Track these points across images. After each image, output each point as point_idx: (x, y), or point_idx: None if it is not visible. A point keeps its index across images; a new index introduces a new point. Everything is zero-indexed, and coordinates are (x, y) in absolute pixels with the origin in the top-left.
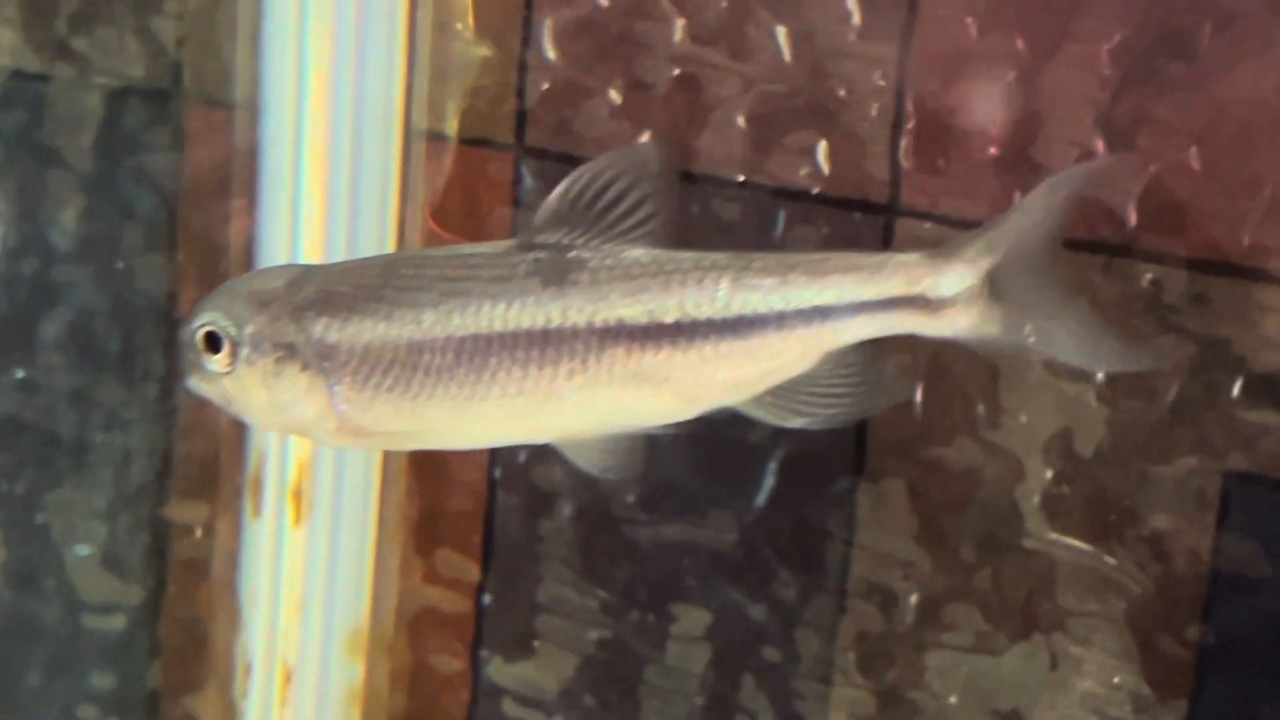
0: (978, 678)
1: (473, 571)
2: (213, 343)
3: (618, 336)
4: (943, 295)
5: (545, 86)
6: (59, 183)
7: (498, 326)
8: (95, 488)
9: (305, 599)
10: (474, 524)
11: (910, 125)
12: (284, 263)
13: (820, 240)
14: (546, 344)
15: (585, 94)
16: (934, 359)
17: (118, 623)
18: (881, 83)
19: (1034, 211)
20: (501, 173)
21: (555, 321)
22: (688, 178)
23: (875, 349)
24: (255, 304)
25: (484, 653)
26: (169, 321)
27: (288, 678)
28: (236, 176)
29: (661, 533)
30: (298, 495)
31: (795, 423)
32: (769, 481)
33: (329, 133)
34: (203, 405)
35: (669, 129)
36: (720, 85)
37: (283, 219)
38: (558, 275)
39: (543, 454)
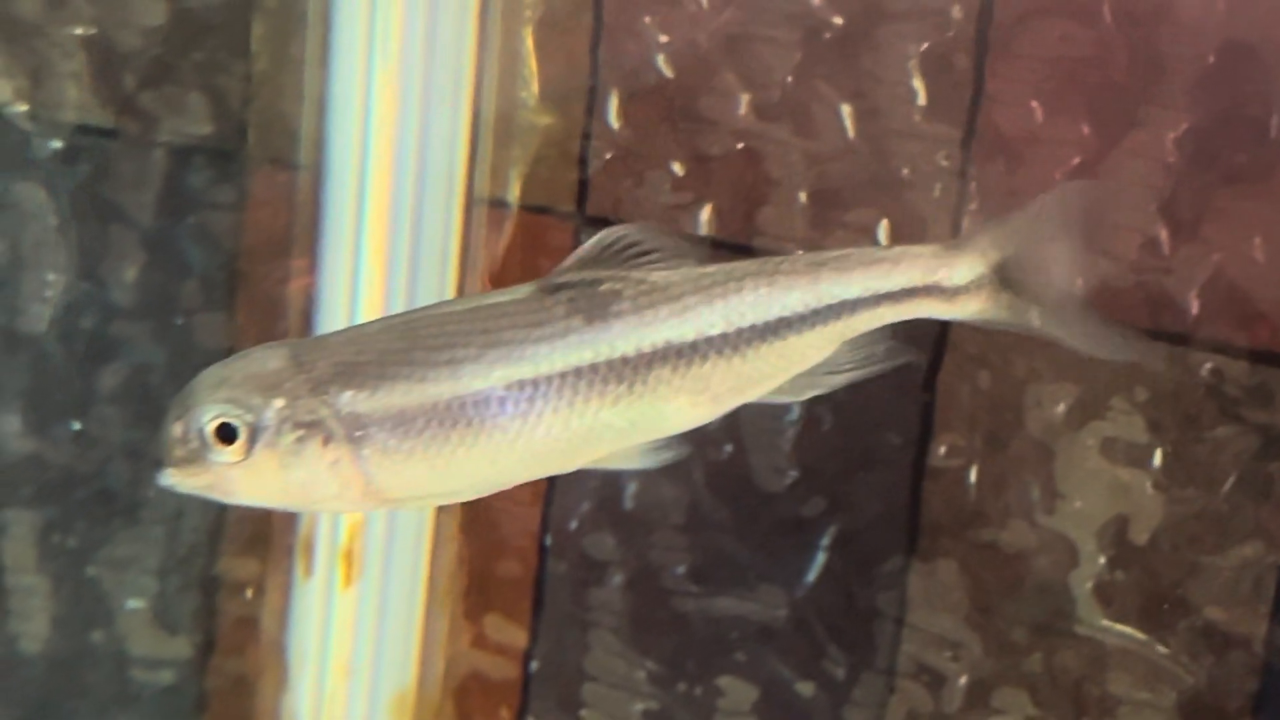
0: None
1: (521, 638)
2: (225, 433)
3: (665, 356)
4: (956, 283)
5: (608, 156)
6: (121, 238)
7: (545, 369)
8: (147, 542)
9: (353, 661)
10: (523, 590)
11: (973, 207)
12: (327, 330)
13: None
14: (594, 377)
15: (648, 165)
16: (989, 441)
17: (165, 678)
18: (945, 163)
19: (1043, 212)
20: (562, 241)
21: (604, 355)
22: (747, 252)
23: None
24: (265, 387)
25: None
26: None
27: None
28: (298, 237)
29: (711, 605)
30: (349, 557)
31: (806, 395)
32: (820, 557)
33: (391, 196)
34: None
35: (730, 202)
36: (783, 160)
37: (343, 280)
38: (599, 309)
39: (595, 522)
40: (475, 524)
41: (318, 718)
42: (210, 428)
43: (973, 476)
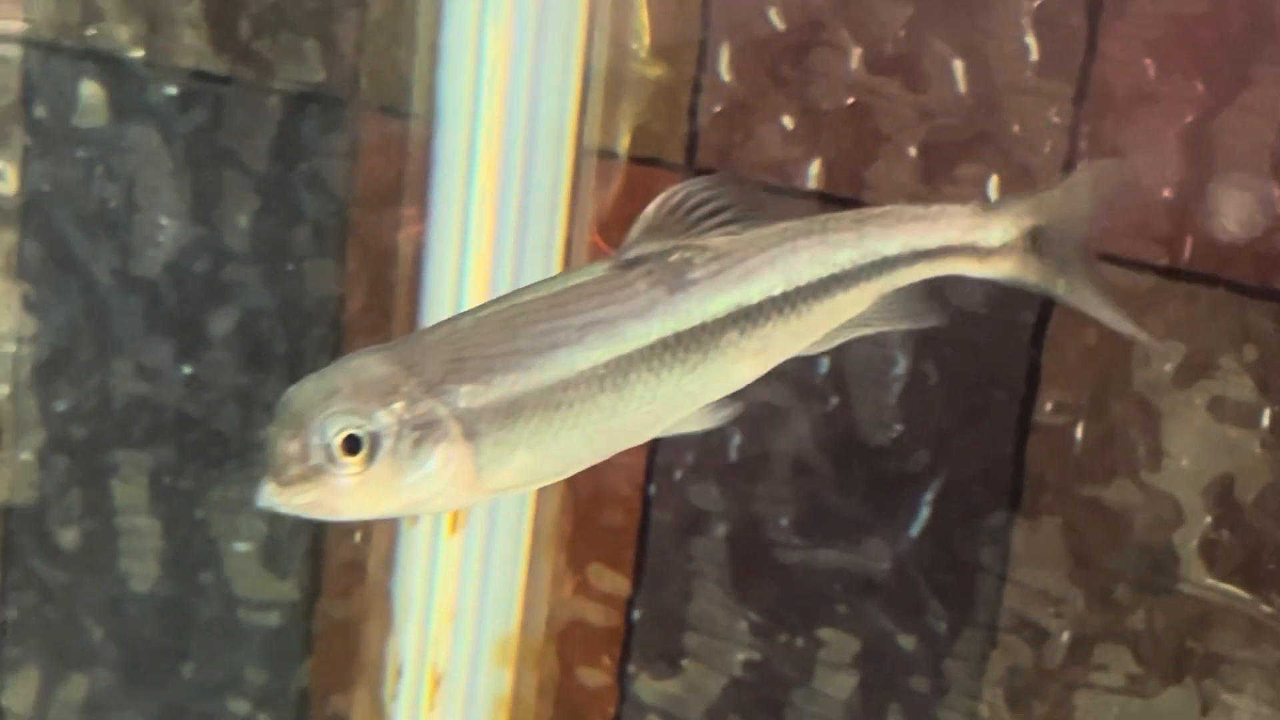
0: (1127, 719)
1: (624, 586)
2: (351, 445)
3: (735, 319)
4: (990, 245)
5: (718, 109)
6: (234, 184)
7: (637, 343)
8: (256, 486)
9: (457, 606)
10: (627, 539)
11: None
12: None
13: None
14: (678, 346)
15: (757, 118)
16: (1094, 401)
17: (272, 619)
18: (1056, 119)
19: (1076, 187)
20: None
21: (686, 324)
22: (857, 205)
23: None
24: (382, 394)
25: (631, 668)
26: (336, 325)
27: (437, 683)
28: (409, 185)
29: (814, 557)
30: None
31: (834, 345)
32: (923, 511)
33: (502, 146)
34: None
35: (840, 156)
36: (893, 115)
37: (452, 228)
38: (677, 280)
39: (699, 472)
40: (580, 473)
41: (422, 661)
42: (337, 441)
43: (1079, 433)
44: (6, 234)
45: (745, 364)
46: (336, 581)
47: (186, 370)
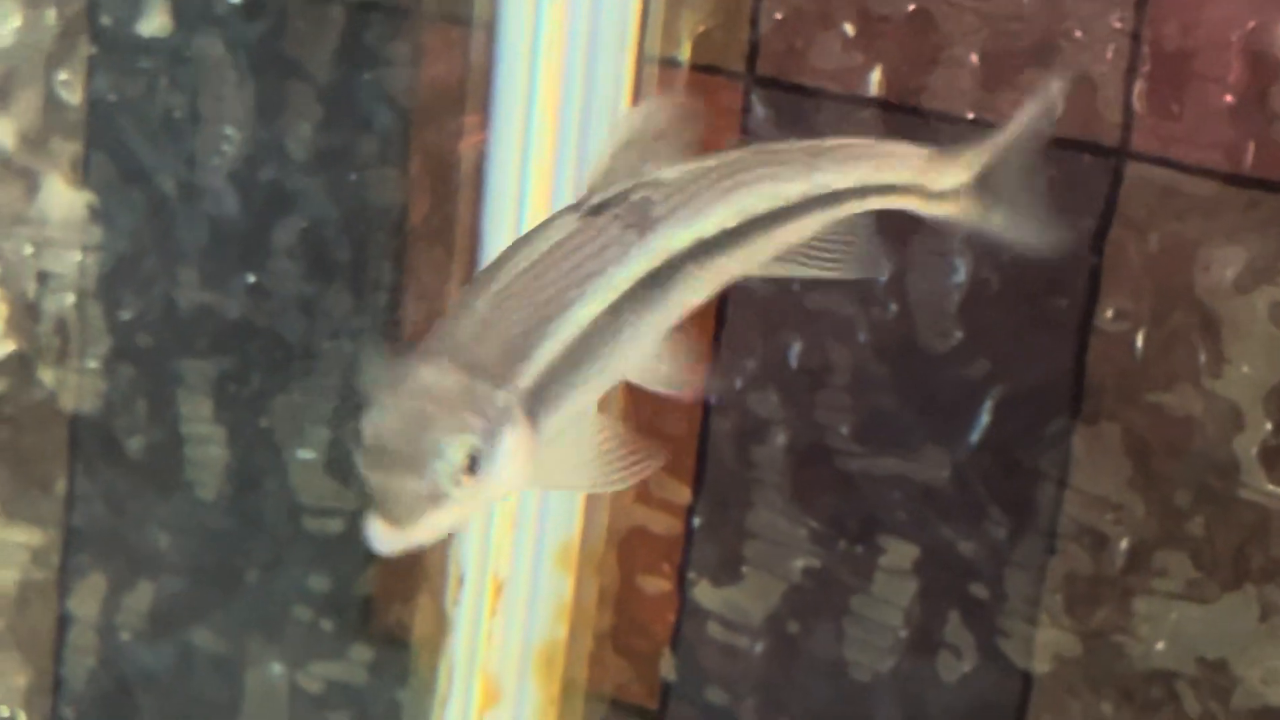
0: (1186, 625)
1: (684, 494)
2: (473, 466)
3: (694, 253)
4: (940, 189)
5: (779, 16)
6: (297, 93)
7: (626, 286)
8: (320, 394)
9: (519, 513)
10: (687, 447)
11: (1145, 69)
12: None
13: (1049, 181)
14: (652, 283)
15: (819, 25)
16: (1155, 307)
17: (336, 527)
18: (1119, 25)
19: (1024, 127)
20: (731, 101)
21: (657, 261)
22: (917, 112)
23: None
24: (469, 405)
25: (691, 575)
26: (399, 233)
27: (498, 590)
28: (470, 94)
29: (874, 465)
30: None
31: (796, 275)
32: (983, 419)
33: (564, 54)
34: (430, 317)
35: (901, 64)
36: (955, 21)
37: (514, 137)
38: (644, 219)
39: (759, 380)
40: (633, 401)
41: (484, 567)
42: (461, 464)
43: (1139, 340)
44: (72, 144)
45: (697, 293)
46: None
47: (250, 279)
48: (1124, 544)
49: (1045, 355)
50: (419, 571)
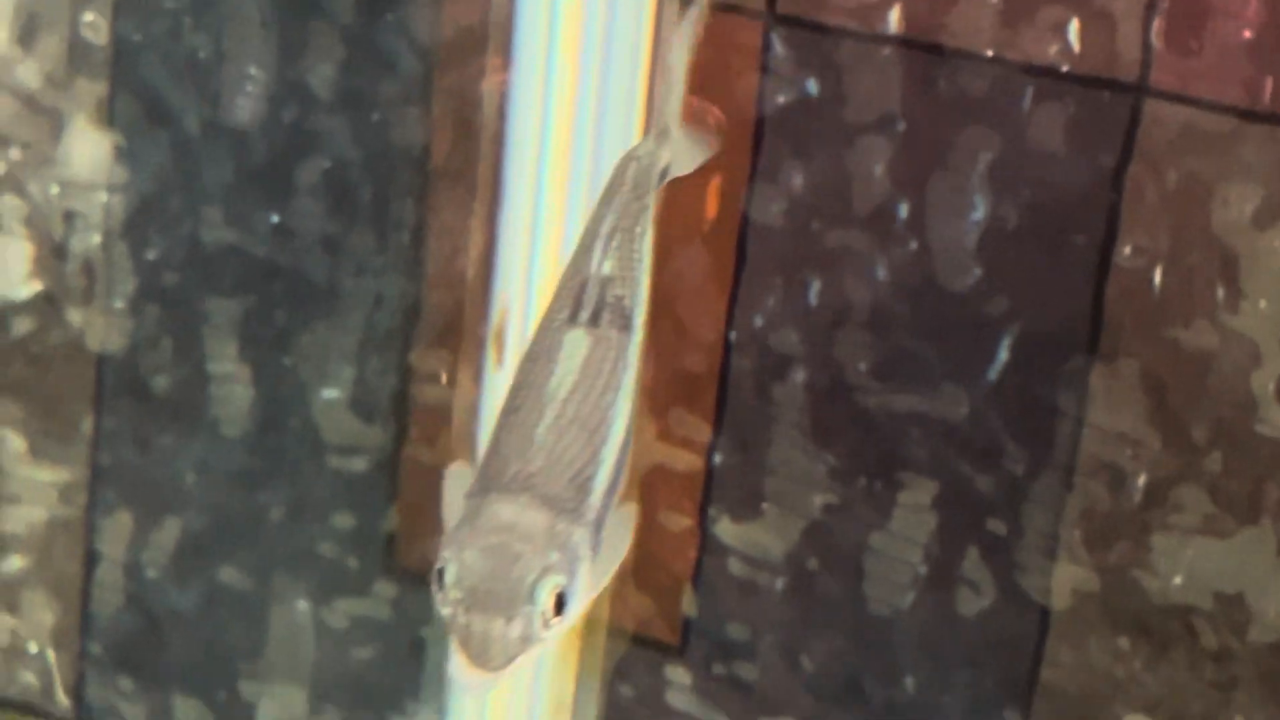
0: (1203, 560)
1: (705, 431)
2: (560, 604)
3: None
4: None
5: None
6: (321, 33)
7: (631, 383)
8: (344, 333)
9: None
10: (708, 384)
11: (1164, 6)
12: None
13: (1068, 119)
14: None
15: None
16: (1173, 244)
17: (360, 465)
18: None
19: (682, 69)
20: (750, 40)
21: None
22: (936, 50)
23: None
24: (555, 544)
25: (712, 512)
26: (422, 172)
27: None
28: (493, 33)
29: (893, 402)
30: None
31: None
32: (1002, 356)
33: None
34: (453, 256)
35: (920, 2)
36: None
37: (536, 77)
38: (623, 319)
39: (779, 318)
40: (661, 317)
41: None
42: (550, 605)
43: (1157, 276)
44: (97, 84)
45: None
46: (423, 426)
47: (274, 219)
48: (1141, 480)
49: (1063, 292)
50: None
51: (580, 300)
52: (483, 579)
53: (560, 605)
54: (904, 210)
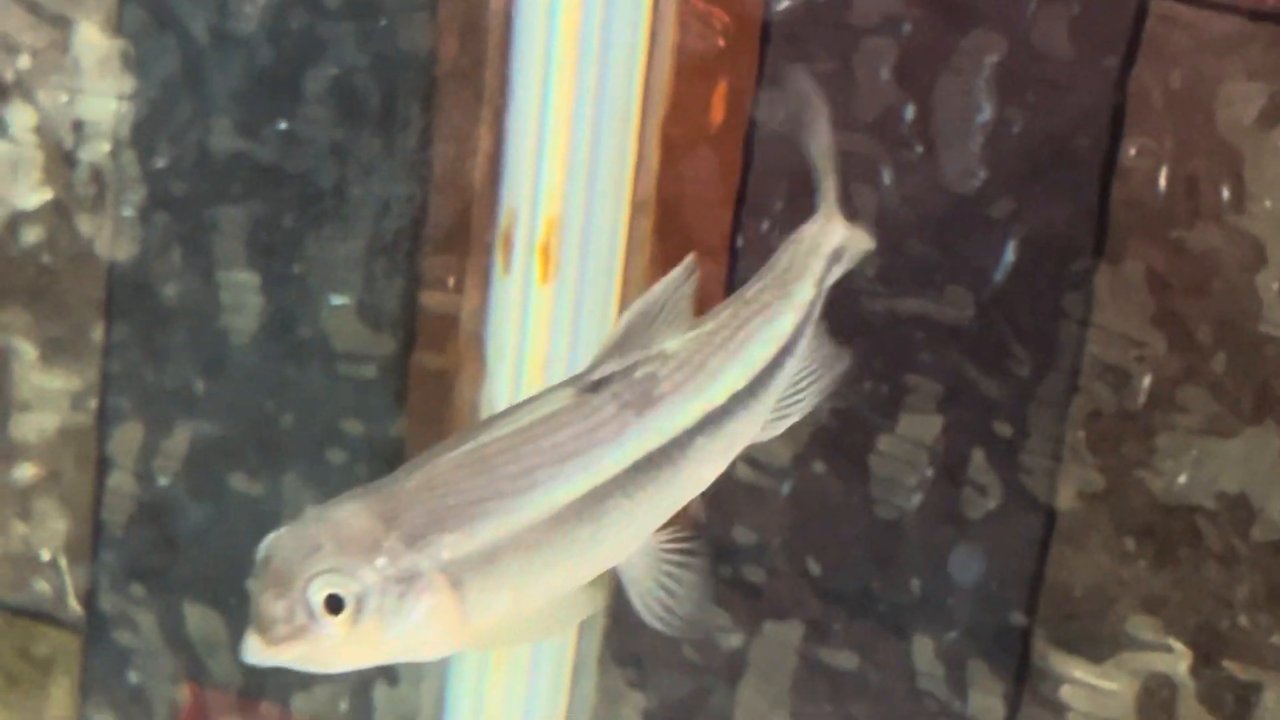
0: (1207, 460)
1: None
2: (334, 605)
3: (703, 425)
4: (842, 243)
5: None
6: None
7: (616, 469)
8: (352, 240)
9: (550, 354)
10: (715, 291)
11: None
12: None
13: (1073, 20)
14: (650, 465)
15: None
16: (1178, 145)
17: (368, 372)
18: None
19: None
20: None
21: (659, 441)
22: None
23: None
24: (365, 550)
25: None
26: (428, 77)
27: None
28: None
29: (898, 306)
30: (546, 253)
31: (781, 429)
32: (1007, 258)
33: None
34: (460, 161)
35: None
36: None
37: None
38: (645, 397)
39: (786, 223)
40: (669, 224)
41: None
42: (318, 601)
43: (1162, 177)
44: None
45: (714, 465)
46: (430, 333)
47: (282, 125)
48: (1146, 381)
49: (1068, 193)
50: (450, 414)
51: (597, 365)
52: (276, 557)
53: (336, 606)
54: (910, 113)
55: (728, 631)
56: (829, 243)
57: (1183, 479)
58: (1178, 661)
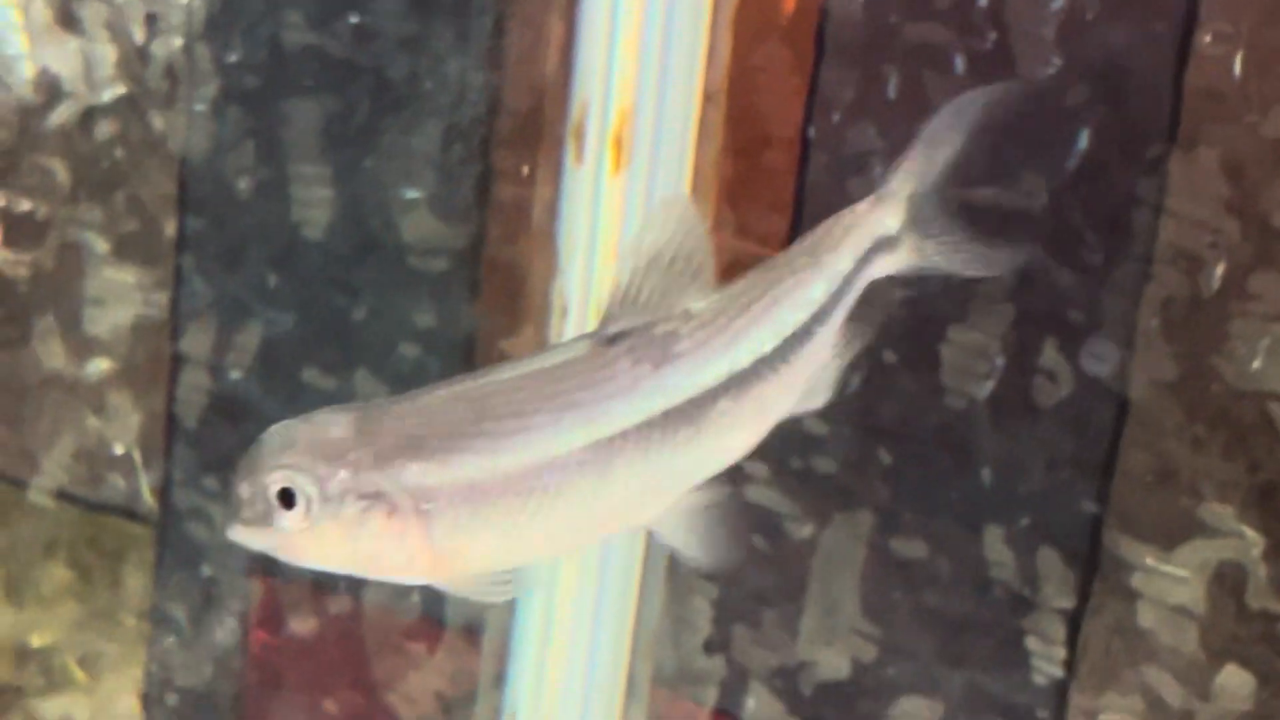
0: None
1: (783, 228)
2: (287, 499)
3: (727, 387)
4: (892, 233)
5: None
6: None
7: (621, 425)
8: (424, 133)
9: (621, 246)
10: (786, 181)
11: None
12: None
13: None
14: (666, 424)
15: None
16: (1254, 28)
17: (440, 265)
18: None
19: (938, 139)
20: None
21: (675, 399)
22: None
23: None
24: (329, 457)
25: None
26: None
27: None
28: None
29: (970, 194)
30: (618, 143)
31: (821, 402)
32: (1081, 145)
33: None
34: (533, 52)
35: None
36: None
37: None
38: (662, 354)
39: (858, 113)
40: (740, 114)
41: (586, 302)
42: (273, 492)
43: (1237, 62)
44: None
45: (741, 431)
46: (502, 225)
47: (354, 19)
48: (1220, 267)
49: (1143, 80)
50: (522, 306)
51: (612, 318)
52: (256, 447)
53: (290, 500)
54: (984, 0)
55: (799, 521)
56: (877, 225)
57: (1255, 365)
58: (1249, 548)
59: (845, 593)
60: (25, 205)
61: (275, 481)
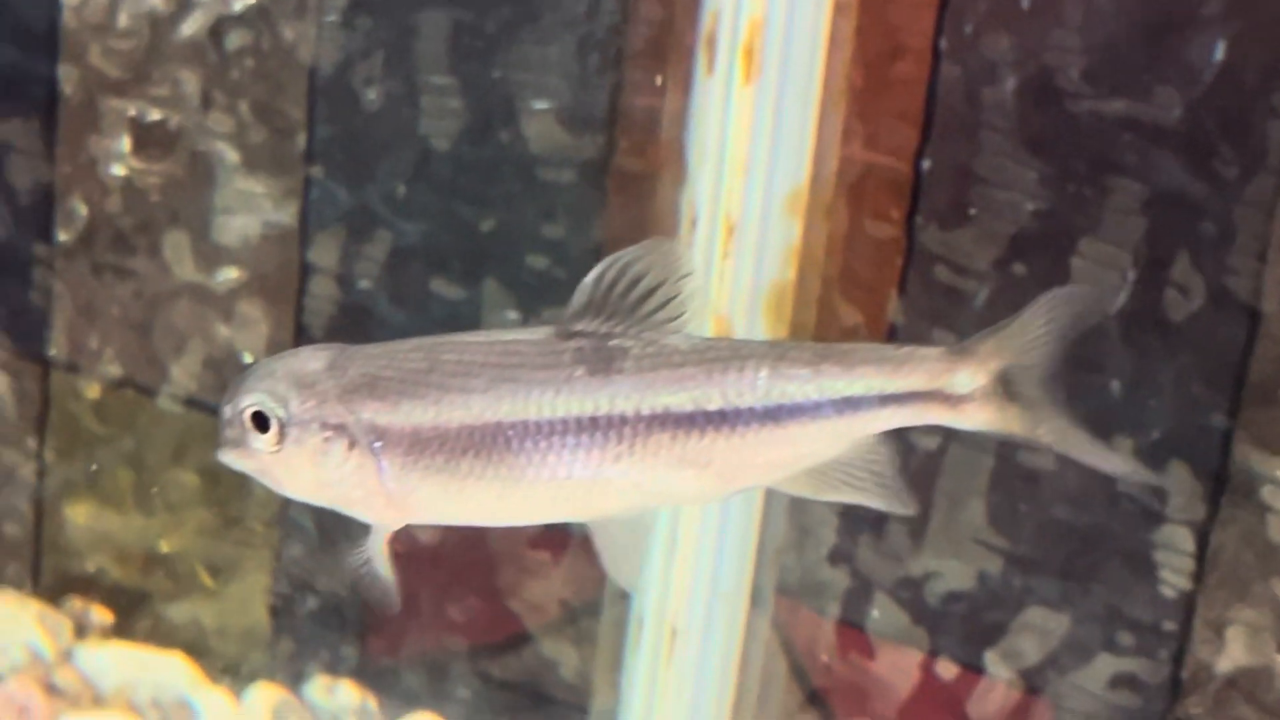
0: None
1: (913, 139)
2: (260, 422)
3: (664, 423)
4: (959, 391)
5: None
6: None
7: (546, 413)
8: (554, 43)
9: (750, 157)
10: (916, 91)
11: None
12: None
13: None
14: (594, 429)
15: None
16: None
17: (568, 176)
18: None
19: (1038, 319)
20: None
21: (603, 409)
22: None
23: (902, 450)
24: (300, 386)
25: (919, 219)
26: None
27: (730, 232)
28: None
29: (1104, 107)
30: (749, 54)
31: (827, 497)
32: (1216, 57)
33: None
34: None
35: None
36: None
37: None
38: (603, 364)
39: (991, 23)
40: (871, 25)
41: (715, 212)
42: (247, 415)
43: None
44: None
45: (689, 475)
46: (631, 136)
47: None
48: None
49: None
50: (651, 217)
51: (580, 317)
52: (242, 374)
53: (264, 425)
54: None
55: (925, 432)
56: (929, 378)
57: None
58: None
59: (971, 504)
60: (156, 115)
61: (250, 405)
